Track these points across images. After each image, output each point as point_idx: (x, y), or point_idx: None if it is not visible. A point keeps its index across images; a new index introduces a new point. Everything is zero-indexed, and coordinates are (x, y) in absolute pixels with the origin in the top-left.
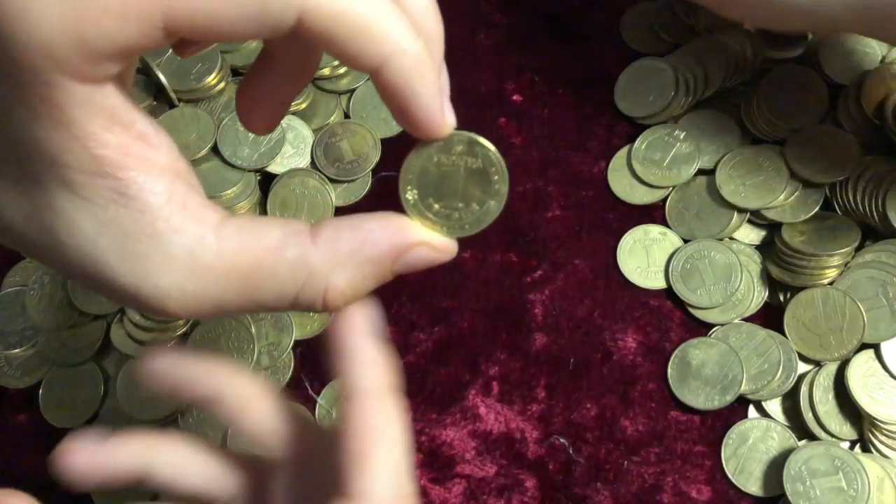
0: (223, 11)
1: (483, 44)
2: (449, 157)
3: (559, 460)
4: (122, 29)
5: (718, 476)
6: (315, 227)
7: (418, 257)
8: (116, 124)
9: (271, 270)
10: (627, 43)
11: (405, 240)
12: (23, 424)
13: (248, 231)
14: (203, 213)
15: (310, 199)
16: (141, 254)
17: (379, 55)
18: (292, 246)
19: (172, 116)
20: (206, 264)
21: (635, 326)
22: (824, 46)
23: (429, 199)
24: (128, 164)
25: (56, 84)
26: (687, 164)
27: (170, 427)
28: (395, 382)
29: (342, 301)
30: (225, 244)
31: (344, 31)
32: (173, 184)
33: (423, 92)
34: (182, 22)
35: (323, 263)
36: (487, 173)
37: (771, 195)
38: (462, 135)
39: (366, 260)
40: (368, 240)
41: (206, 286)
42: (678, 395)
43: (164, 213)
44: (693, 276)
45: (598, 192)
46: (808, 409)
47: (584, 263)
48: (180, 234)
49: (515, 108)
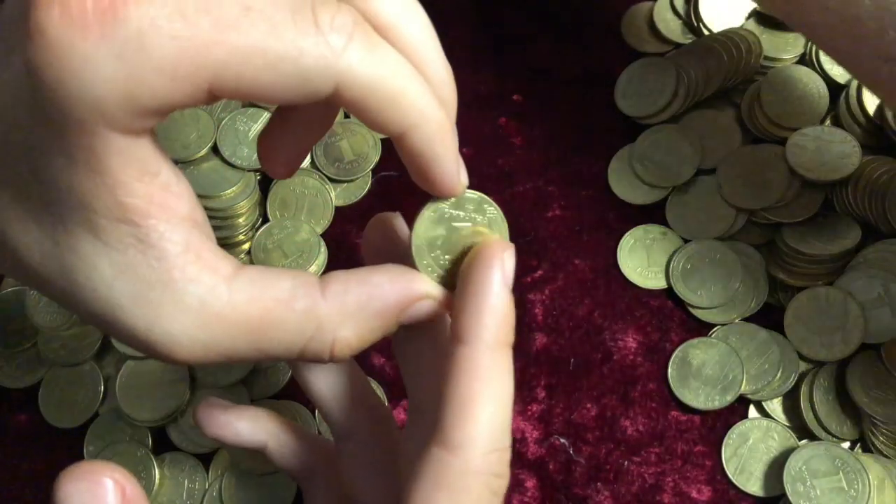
0: (266, 79)
1: (483, 44)
2: (459, 214)
3: (559, 460)
4: (170, 89)
5: (719, 476)
6: (324, 280)
7: (422, 310)
8: (146, 174)
9: (280, 322)
10: (628, 42)
11: (411, 294)
12: (22, 424)
13: (258, 282)
14: (217, 264)
15: (310, 198)
16: (155, 300)
17: (406, 123)
18: (301, 298)
19: (172, 116)
20: (218, 314)
21: (636, 326)
22: None
23: (436, 251)
24: (151, 212)
25: (98, 135)
26: (687, 164)
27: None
28: (512, 338)
29: (349, 353)
30: (236, 295)
31: (376, 101)
32: (191, 233)
33: (444, 156)
34: (227, 85)
35: (331, 317)
36: (493, 231)
37: (771, 195)
38: (473, 194)
39: (373, 313)
40: (375, 294)
41: (215, 336)
42: (678, 396)
43: (179, 262)
44: (693, 276)
45: (599, 192)
46: (808, 409)
47: (585, 263)
48: (194, 284)
49: (515, 107)
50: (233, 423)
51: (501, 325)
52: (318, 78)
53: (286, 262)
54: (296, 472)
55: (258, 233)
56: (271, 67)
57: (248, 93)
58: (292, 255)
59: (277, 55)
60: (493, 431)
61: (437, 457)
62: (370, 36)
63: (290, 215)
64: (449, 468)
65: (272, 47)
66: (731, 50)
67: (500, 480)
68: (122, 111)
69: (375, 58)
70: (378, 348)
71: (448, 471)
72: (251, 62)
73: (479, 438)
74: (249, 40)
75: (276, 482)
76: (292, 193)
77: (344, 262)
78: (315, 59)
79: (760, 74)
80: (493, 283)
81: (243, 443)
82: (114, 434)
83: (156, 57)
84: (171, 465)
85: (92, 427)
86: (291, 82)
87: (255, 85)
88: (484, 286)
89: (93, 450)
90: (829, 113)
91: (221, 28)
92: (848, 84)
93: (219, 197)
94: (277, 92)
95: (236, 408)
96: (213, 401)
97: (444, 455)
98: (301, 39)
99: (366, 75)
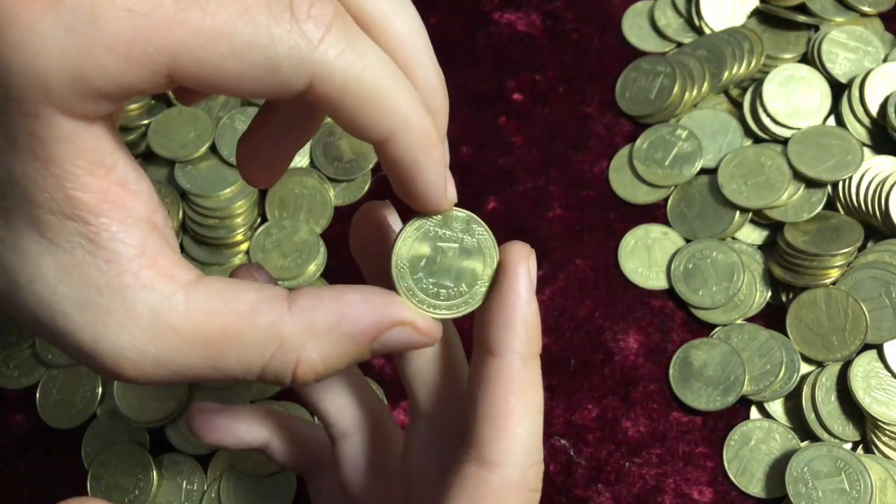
0: (231, 67)
1: (483, 43)
2: (446, 233)
3: (560, 461)
4: (123, 70)
5: (720, 477)
6: (293, 295)
7: (399, 339)
8: (99, 166)
9: (240, 337)
10: (628, 41)
11: (387, 318)
12: (20, 425)
13: (219, 294)
14: (174, 271)
15: (308, 198)
16: (102, 307)
17: (386, 128)
18: (265, 312)
19: (170, 115)
20: (171, 325)
21: (637, 327)
22: (826, 45)
23: (419, 274)
24: (103, 209)
25: (42, 116)
26: (689, 164)
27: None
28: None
29: (312, 377)
30: (194, 306)
31: (354, 100)
32: (148, 236)
33: (428, 168)
34: (186, 72)
35: (297, 334)
36: (481, 256)
37: (773, 194)
38: (461, 213)
39: (344, 335)
40: (348, 314)
41: (167, 350)
42: (680, 397)
43: (133, 267)
44: (695, 276)
45: (599, 192)
46: (810, 411)
47: (585, 263)
48: (147, 291)
49: (516, 107)
50: (232, 426)
51: (533, 335)
52: (290, 70)
53: (285, 262)
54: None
55: (257, 233)
56: (237, 55)
57: (211, 81)
58: (291, 255)
59: (245, 41)
60: (531, 446)
61: (474, 474)
62: (351, 28)
63: (288, 215)
64: (488, 486)
65: (240, 32)
66: (733, 49)
67: (536, 495)
68: (70, 90)
69: (355, 52)
70: None
71: (486, 488)
72: (215, 47)
73: (518, 454)
74: (215, 22)
75: (274, 483)
76: (291, 193)
77: (343, 263)
78: (288, 49)
79: (762, 73)
80: (522, 292)
81: (245, 444)
82: (112, 435)
83: (109, 32)
84: (169, 466)
85: (90, 428)
86: (259, 73)
87: (219, 73)
88: (513, 296)
89: (90, 451)
90: (831, 112)
91: (184, 5)
92: (850, 83)
93: (217, 196)
94: (243, 83)
95: (232, 409)
96: (204, 406)
97: (482, 472)
98: (273, 26)
99: (343, 71)
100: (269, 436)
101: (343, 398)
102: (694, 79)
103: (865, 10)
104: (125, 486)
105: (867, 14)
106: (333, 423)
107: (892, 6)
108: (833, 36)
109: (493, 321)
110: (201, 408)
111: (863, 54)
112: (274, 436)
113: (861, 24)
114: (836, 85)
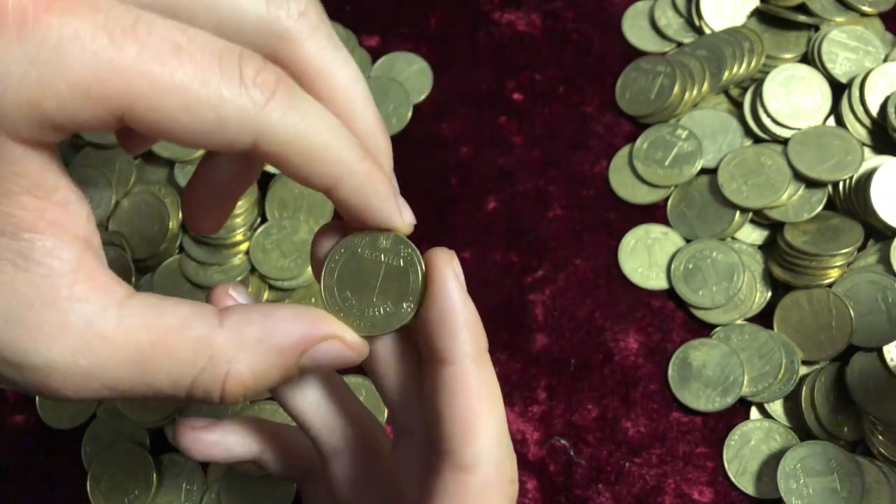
0: (179, 119)
1: (483, 43)
2: (373, 252)
3: (560, 462)
4: (81, 107)
5: (720, 478)
6: (225, 311)
7: (327, 352)
8: (39, 188)
9: (172, 350)
10: (628, 41)
11: (316, 332)
12: (20, 425)
13: (152, 308)
14: (109, 286)
15: (309, 198)
16: (33, 320)
17: (331, 176)
18: (197, 327)
19: None
20: (105, 338)
21: (637, 327)
22: (827, 45)
23: (346, 292)
24: (39, 226)
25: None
26: (689, 164)
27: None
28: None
29: (241, 392)
30: (127, 320)
31: (297, 156)
32: (84, 254)
33: (377, 205)
34: (139, 117)
35: (226, 347)
36: (407, 274)
37: (773, 195)
38: (388, 234)
39: (273, 348)
40: (278, 328)
41: (98, 361)
42: (679, 397)
43: (67, 281)
44: (695, 276)
45: (600, 192)
46: (809, 411)
47: (585, 263)
48: (82, 304)
49: (516, 107)
50: (222, 442)
51: (477, 335)
52: (237, 128)
53: (285, 262)
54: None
55: (256, 233)
56: (190, 109)
57: (161, 130)
58: (291, 255)
59: (198, 99)
60: (500, 442)
61: (452, 480)
62: (293, 93)
63: (288, 215)
64: (467, 488)
65: (194, 90)
66: (733, 49)
67: (514, 485)
68: (25, 119)
69: (298, 114)
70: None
71: (467, 491)
72: (170, 100)
73: (492, 453)
74: (173, 78)
75: (274, 484)
76: (291, 193)
77: None
78: (236, 110)
79: (762, 73)
80: (456, 297)
81: (236, 458)
82: (112, 435)
83: (72, 70)
84: (169, 466)
85: (90, 428)
86: (208, 128)
87: (170, 124)
88: (449, 303)
89: (91, 451)
90: (832, 112)
91: (147, 59)
92: (850, 83)
93: None
94: (192, 135)
95: (221, 423)
96: (191, 422)
97: (461, 477)
98: (224, 88)
99: (286, 130)
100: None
101: (331, 416)
102: (694, 79)
103: (865, 10)
104: (125, 487)
105: (867, 14)
106: (324, 442)
107: (892, 6)
108: (833, 36)
109: (437, 331)
110: (189, 424)
111: (863, 54)
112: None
113: (861, 24)
114: (836, 85)
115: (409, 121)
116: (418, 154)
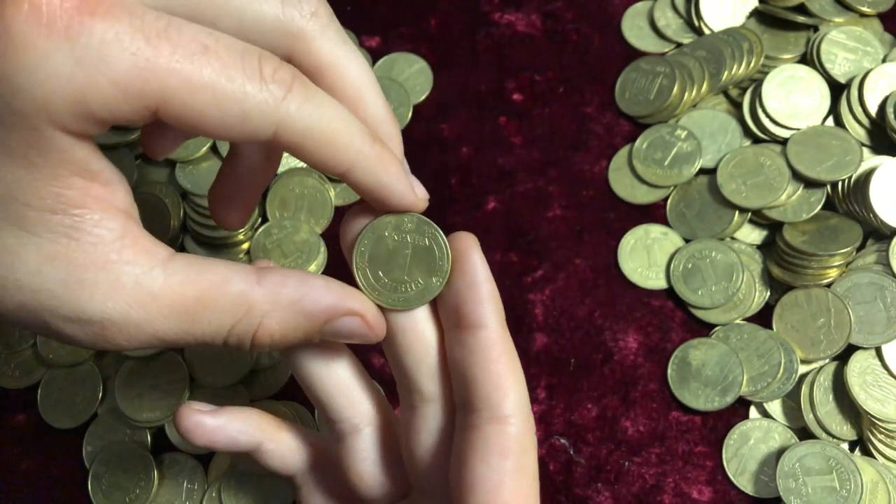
0: (211, 113)
1: (483, 43)
2: (399, 234)
3: (560, 461)
4: (120, 101)
5: (719, 477)
6: (262, 270)
7: (348, 326)
8: (85, 171)
9: (213, 303)
10: (628, 41)
11: (343, 305)
12: (21, 425)
13: (194, 266)
14: (153, 249)
15: (309, 198)
16: (89, 281)
17: (346, 161)
18: (237, 282)
19: None
20: (153, 294)
21: (636, 327)
22: (826, 45)
23: (378, 272)
24: (87, 203)
25: (41, 130)
26: (688, 164)
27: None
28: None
29: (268, 344)
30: (172, 277)
31: (313, 143)
32: (127, 222)
33: (391, 184)
34: (172, 111)
35: (262, 303)
36: (433, 251)
37: (772, 195)
38: (412, 216)
39: (302, 311)
40: (311, 295)
41: (149, 316)
42: (678, 397)
43: (116, 246)
44: (694, 276)
45: (599, 192)
46: (808, 411)
47: (585, 263)
48: (130, 265)
49: (516, 107)
50: (224, 428)
51: (500, 306)
52: (259, 120)
53: (285, 261)
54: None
55: (257, 232)
56: (217, 104)
57: (192, 122)
58: (291, 254)
59: (225, 94)
60: (525, 395)
61: (493, 431)
62: (308, 87)
63: (289, 215)
64: (507, 437)
65: (221, 86)
66: (732, 49)
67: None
68: (71, 113)
69: (311, 105)
70: (378, 349)
71: (507, 439)
72: (200, 95)
73: (521, 403)
74: (203, 76)
75: (275, 483)
76: (291, 193)
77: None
78: (258, 104)
79: (761, 73)
80: (482, 272)
81: (238, 446)
82: (113, 434)
83: (113, 68)
84: (170, 465)
85: (91, 427)
86: (234, 121)
87: (200, 117)
88: (479, 276)
89: (91, 450)
90: (830, 112)
91: (179, 58)
92: (849, 83)
93: None
94: (219, 128)
95: (223, 410)
96: (194, 407)
97: (501, 428)
98: (247, 84)
99: (302, 120)
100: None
101: (355, 392)
102: (693, 79)
103: (865, 10)
104: (126, 486)
105: (866, 14)
106: (346, 418)
107: (892, 6)
108: (832, 36)
109: (467, 300)
110: (191, 409)
111: (862, 54)
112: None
113: (860, 25)
114: (835, 85)
115: (409, 121)
116: (418, 154)
